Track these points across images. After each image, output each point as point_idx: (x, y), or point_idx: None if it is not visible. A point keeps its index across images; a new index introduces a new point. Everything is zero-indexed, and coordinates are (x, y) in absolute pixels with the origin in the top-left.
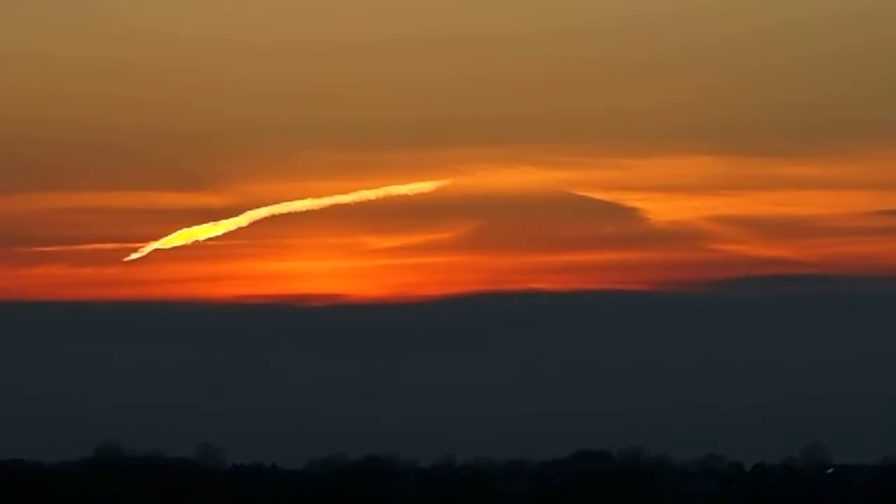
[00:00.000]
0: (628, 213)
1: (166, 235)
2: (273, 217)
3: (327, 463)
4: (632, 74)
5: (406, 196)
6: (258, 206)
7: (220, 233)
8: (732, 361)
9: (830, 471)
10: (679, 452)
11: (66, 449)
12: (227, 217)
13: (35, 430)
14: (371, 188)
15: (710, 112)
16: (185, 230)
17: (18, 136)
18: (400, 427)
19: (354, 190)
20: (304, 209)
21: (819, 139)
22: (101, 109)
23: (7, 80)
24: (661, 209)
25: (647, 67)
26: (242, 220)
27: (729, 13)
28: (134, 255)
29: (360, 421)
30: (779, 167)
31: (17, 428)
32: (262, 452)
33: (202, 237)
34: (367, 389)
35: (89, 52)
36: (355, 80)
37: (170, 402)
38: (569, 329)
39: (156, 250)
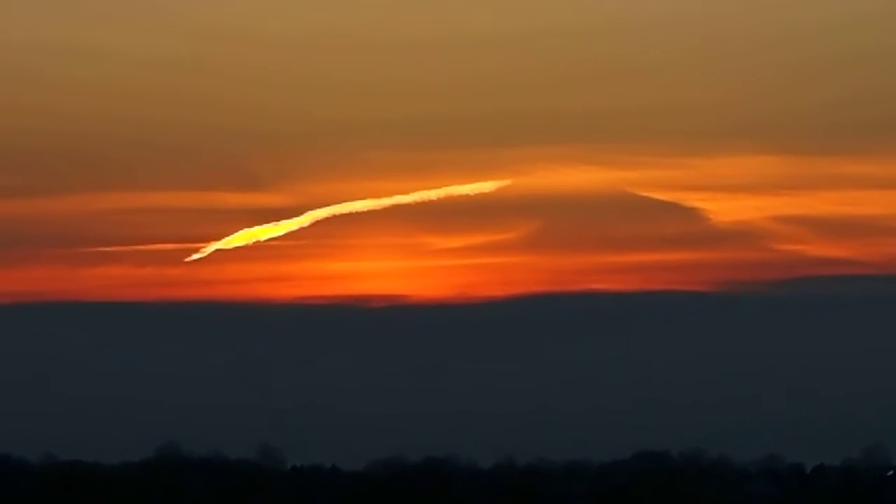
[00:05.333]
0: (689, 213)
1: (228, 236)
2: (334, 217)
3: (387, 464)
4: (692, 71)
5: (467, 196)
6: (319, 207)
7: (281, 233)
8: (793, 361)
9: (891, 472)
10: (739, 453)
11: (126, 449)
12: (288, 217)
13: (96, 430)
14: (432, 188)
15: (772, 110)
16: (246, 230)
17: (80, 134)
18: (461, 427)
19: (415, 190)
20: (365, 209)
21: (881, 137)
22: (162, 107)
23: (68, 76)
24: (723, 209)
25: (707, 63)
26: (304, 220)
27: (789, 6)
28: (195, 256)
29: (421, 421)
30: (840, 166)
31: (78, 428)
32: (323, 453)
33: (263, 237)
34: (428, 390)
35: (150, 49)
36: (415, 79)
37: (231, 402)
38: (630, 329)
39: (217, 250)
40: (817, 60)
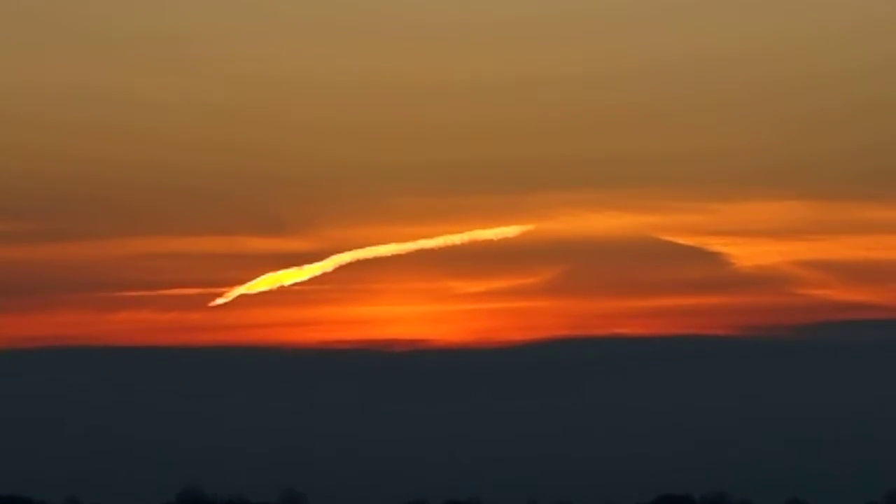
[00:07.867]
0: (712, 258)
1: (251, 280)
2: (358, 262)
3: None
4: (716, 117)
5: (490, 241)
6: (343, 251)
7: (305, 277)
8: (815, 406)
9: None
10: (762, 497)
11: (149, 493)
12: (312, 262)
13: (119, 473)
14: (456, 233)
15: (795, 155)
16: (270, 275)
17: (103, 179)
18: (484, 471)
19: (439, 234)
20: (389, 254)
21: None
22: (186, 153)
23: (92, 122)
24: (745, 254)
25: (730, 109)
26: (327, 264)
27: (811, 53)
28: (219, 300)
29: (444, 465)
30: (863, 211)
31: (101, 472)
32: (346, 497)
33: (287, 282)
34: (450, 433)
35: (173, 95)
36: (440, 125)
37: (253, 446)
38: (652, 373)
39: (241, 295)
40: (840, 107)
